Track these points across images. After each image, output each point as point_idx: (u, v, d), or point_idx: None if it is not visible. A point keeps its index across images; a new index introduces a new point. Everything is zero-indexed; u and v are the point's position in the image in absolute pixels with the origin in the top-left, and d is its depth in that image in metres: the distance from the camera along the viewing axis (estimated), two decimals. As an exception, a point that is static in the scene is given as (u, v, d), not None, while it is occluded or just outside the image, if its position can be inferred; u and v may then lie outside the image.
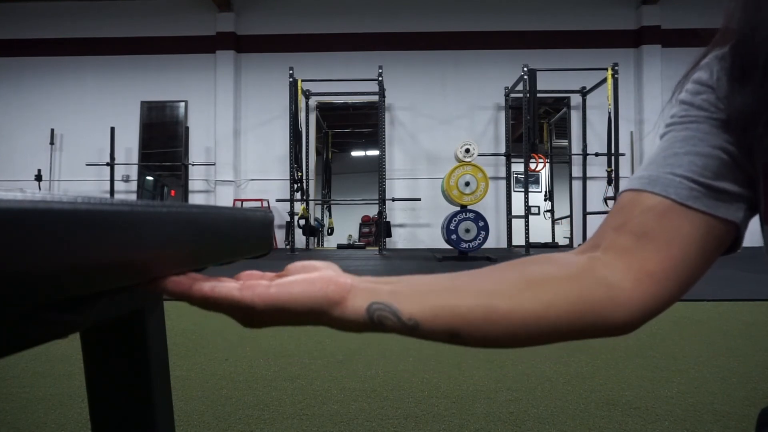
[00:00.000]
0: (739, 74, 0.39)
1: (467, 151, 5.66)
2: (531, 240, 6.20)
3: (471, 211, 5.47)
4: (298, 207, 6.73)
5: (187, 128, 7.69)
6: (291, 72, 6.52)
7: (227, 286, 0.34)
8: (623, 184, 0.45)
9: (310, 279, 0.35)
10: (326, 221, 7.98)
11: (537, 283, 0.38)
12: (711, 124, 0.41)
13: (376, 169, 6.88)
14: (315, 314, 0.35)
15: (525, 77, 6.13)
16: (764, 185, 0.39)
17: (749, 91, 0.38)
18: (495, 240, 7.31)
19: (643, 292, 0.39)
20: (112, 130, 7.33)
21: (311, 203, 7.40)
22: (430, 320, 0.36)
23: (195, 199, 7.73)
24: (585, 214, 7.13)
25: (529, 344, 0.39)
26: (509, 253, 6.38)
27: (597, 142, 7.36)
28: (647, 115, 7.52)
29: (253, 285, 0.34)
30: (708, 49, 0.44)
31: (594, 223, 7.03)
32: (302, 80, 6.64)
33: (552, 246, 7.38)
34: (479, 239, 5.39)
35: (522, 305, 0.37)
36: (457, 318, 0.36)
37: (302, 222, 6.68)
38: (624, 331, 0.39)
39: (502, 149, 7.58)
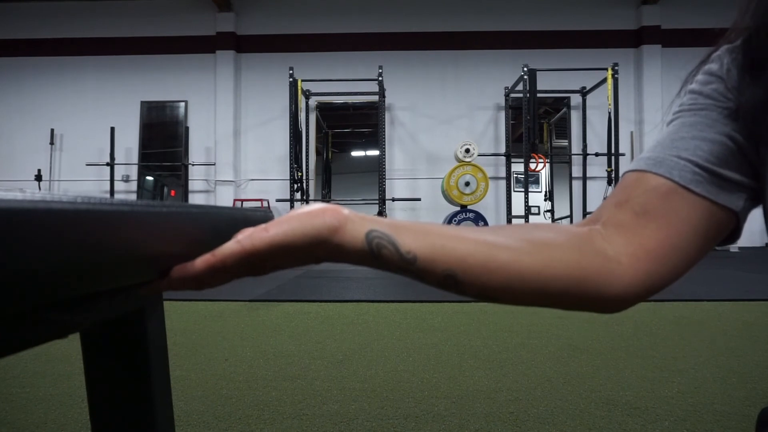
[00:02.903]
0: (751, 67, 0.40)
1: (467, 151, 5.66)
2: (531, 240, 6.19)
3: (471, 211, 5.47)
4: (298, 207, 6.73)
5: (187, 128, 7.69)
6: (291, 72, 6.52)
7: (227, 245, 0.35)
8: (627, 165, 0.45)
9: (306, 211, 0.36)
10: (326, 221, 7.97)
11: (538, 244, 0.38)
12: (719, 112, 0.41)
13: (376, 169, 6.88)
14: (316, 244, 0.35)
15: (525, 77, 6.13)
16: None
17: (761, 83, 0.39)
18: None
19: (638, 268, 0.39)
20: (112, 130, 7.33)
21: (311, 203, 7.39)
22: (428, 256, 0.36)
23: (195, 199, 7.73)
24: (585, 214, 7.13)
25: (521, 301, 0.39)
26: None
27: (597, 142, 7.36)
28: (647, 115, 7.52)
29: (250, 233, 0.35)
30: (720, 44, 0.45)
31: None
32: (302, 80, 6.64)
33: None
34: (479, 239, 5.38)
35: (521, 260, 0.37)
36: (456, 259, 0.36)
37: (302, 222, 6.67)
38: (615, 304, 0.40)
39: (502, 149, 7.58)
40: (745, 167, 0.40)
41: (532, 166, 6.20)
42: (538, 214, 7.65)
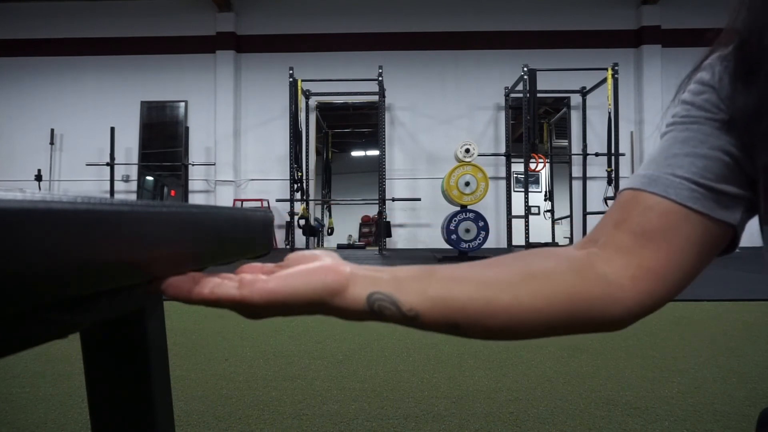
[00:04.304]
0: (743, 74, 0.39)
1: (467, 151, 5.66)
2: (531, 240, 6.21)
3: (471, 211, 5.47)
4: (298, 207, 6.73)
5: (187, 128, 7.69)
6: (291, 72, 6.52)
7: (225, 286, 0.34)
8: (624, 183, 0.45)
9: (308, 270, 0.35)
10: (326, 221, 7.98)
11: (537, 278, 0.38)
12: (712, 125, 0.41)
13: (376, 169, 6.88)
14: (315, 305, 0.35)
15: (525, 77, 6.12)
16: (764, 186, 0.39)
17: (754, 91, 0.38)
18: (495, 240, 7.32)
19: (640, 290, 0.39)
20: (112, 130, 7.32)
21: (311, 203, 7.40)
22: (430, 312, 0.36)
23: (195, 199, 7.73)
24: (585, 214, 7.13)
25: (527, 337, 0.39)
26: (509, 253, 6.38)
27: (597, 142, 7.36)
28: (647, 115, 7.52)
29: (251, 281, 0.34)
30: (711, 50, 0.44)
31: (594, 223, 7.00)
32: (302, 80, 6.64)
33: (552, 246, 7.37)
34: (479, 239, 5.39)
35: (522, 299, 0.37)
36: (457, 310, 0.36)
37: (302, 222, 6.68)
38: (619, 327, 0.40)
39: (502, 149, 7.58)
40: (741, 179, 0.40)
41: (532, 166, 6.20)
42: (538, 213, 7.65)
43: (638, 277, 0.39)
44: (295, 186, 6.58)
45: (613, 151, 6.32)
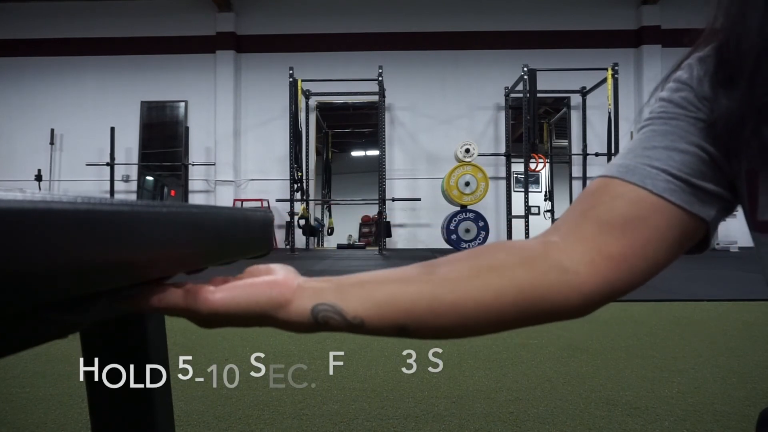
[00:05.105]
0: (723, 79, 0.39)
1: (467, 151, 5.67)
2: (531, 240, 6.20)
3: (471, 211, 5.47)
4: (298, 207, 6.73)
5: (187, 128, 7.69)
6: (291, 72, 6.52)
7: (174, 295, 0.34)
8: (598, 172, 0.45)
9: (254, 283, 0.35)
10: (326, 221, 7.98)
11: (487, 271, 0.38)
12: (689, 122, 0.41)
13: (376, 169, 6.88)
14: (260, 317, 0.35)
15: (525, 77, 6.13)
16: (748, 190, 0.39)
17: (735, 96, 0.38)
18: (495, 240, 7.30)
19: (597, 276, 0.38)
20: (112, 130, 7.33)
21: (311, 203, 7.40)
22: (375, 317, 0.36)
23: (195, 199, 7.73)
24: (585, 214, 7.13)
25: (480, 333, 0.38)
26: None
27: (597, 142, 7.36)
28: (647, 115, 7.53)
29: (196, 291, 0.34)
30: (690, 51, 0.44)
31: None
32: (302, 80, 6.64)
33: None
34: (479, 239, 5.39)
35: (469, 295, 0.36)
36: (402, 313, 0.36)
37: (302, 222, 6.69)
38: (578, 314, 0.39)
39: (502, 149, 7.58)
40: (718, 178, 0.40)
41: (532, 166, 6.20)
42: (538, 213, 7.66)
43: (597, 263, 0.38)
44: (295, 186, 6.58)
45: (613, 151, 6.32)
